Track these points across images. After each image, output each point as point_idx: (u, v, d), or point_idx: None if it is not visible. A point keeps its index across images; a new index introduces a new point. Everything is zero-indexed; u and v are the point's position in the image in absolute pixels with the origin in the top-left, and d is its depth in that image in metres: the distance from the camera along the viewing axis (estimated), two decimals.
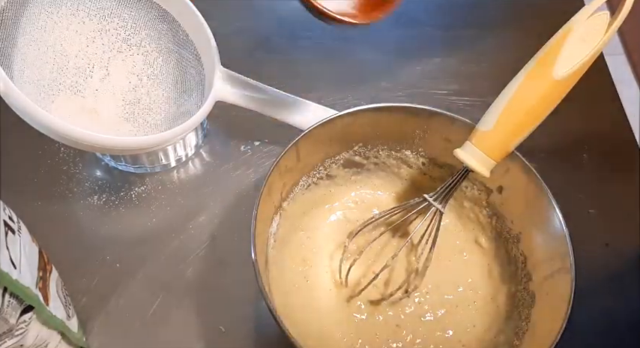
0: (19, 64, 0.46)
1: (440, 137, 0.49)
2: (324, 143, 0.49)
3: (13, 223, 0.37)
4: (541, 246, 0.46)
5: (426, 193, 0.48)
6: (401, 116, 0.49)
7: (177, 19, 0.52)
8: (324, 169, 0.52)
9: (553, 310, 0.41)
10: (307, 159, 0.49)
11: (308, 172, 0.51)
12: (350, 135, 0.50)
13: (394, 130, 0.50)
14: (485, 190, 0.50)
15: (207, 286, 0.51)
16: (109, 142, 0.44)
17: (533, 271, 0.46)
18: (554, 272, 0.43)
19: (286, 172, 0.48)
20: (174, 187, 0.56)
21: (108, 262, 0.51)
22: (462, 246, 0.52)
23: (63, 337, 0.41)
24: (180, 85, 0.54)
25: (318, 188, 0.52)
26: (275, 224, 0.48)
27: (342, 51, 0.67)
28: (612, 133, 0.64)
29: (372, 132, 0.50)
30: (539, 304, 0.44)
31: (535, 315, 0.44)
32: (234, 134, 0.59)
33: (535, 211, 0.46)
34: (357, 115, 0.48)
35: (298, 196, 0.51)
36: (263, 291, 0.40)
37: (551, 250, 0.44)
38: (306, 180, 0.51)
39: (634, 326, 0.51)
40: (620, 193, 0.59)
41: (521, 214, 0.48)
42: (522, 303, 0.46)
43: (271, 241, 0.48)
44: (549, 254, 0.44)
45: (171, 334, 0.48)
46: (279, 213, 0.49)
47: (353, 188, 0.54)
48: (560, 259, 0.43)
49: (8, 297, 0.33)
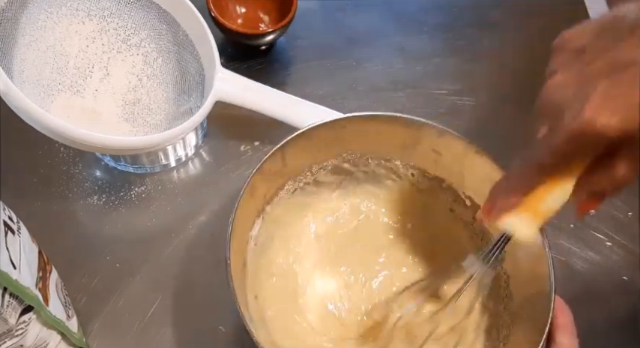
0: (19, 64, 0.46)
1: (429, 149, 0.48)
2: (312, 148, 0.48)
3: (13, 223, 0.37)
4: (524, 266, 0.44)
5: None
6: (391, 126, 0.48)
7: (177, 19, 0.52)
8: (311, 175, 0.50)
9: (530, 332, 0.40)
10: (294, 163, 0.48)
11: (294, 176, 0.49)
12: (339, 142, 0.49)
13: (384, 140, 0.49)
14: (473, 206, 0.49)
15: (207, 286, 0.51)
16: (109, 142, 0.44)
17: (515, 291, 0.45)
18: (535, 294, 0.42)
19: (271, 176, 0.47)
20: (174, 187, 0.56)
21: (108, 262, 0.51)
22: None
23: (63, 337, 0.41)
24: (180, 85, 0.54)
25: (305, 194, 0.51)
26: (257, 227, 0.47)
27: (342, 51, 0.67)
28: None
29: (361, 140, 0.49)
30: (517, 325, 0.43)
31: (512, 336, 0.43)
32: (234, 134, 0.59)
33: None
34: (346, 122, 0.47)
35: (283, 200, 0.50)
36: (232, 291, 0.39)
37: (534, 271, 0.43)
38: (292, 184, 0.50)
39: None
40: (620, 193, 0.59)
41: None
42: (501, 323, 0.45)
43: (251, 244, 0.47)
44: (532, 274, 0.43)
45: (171, 335, 0.48)
46: (262, 216, 0.48)
47: (340, 196, 0.53)
48: (541, 281, 0.41)
49: (8, 297, 0.33)
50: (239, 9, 0.65)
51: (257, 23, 0.65)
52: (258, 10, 0.65)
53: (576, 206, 0.36)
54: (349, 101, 0.62)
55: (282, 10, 0.62)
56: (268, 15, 0.65)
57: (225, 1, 0.63)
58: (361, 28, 0.69)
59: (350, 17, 0.70)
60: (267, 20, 0.65)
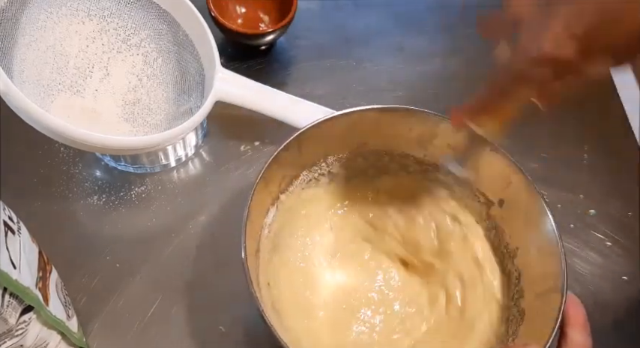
0: (19, 64, 0.46)
1: (445, 144, 0.48)
2: (328, 140, 0.48)
3: (13, 223, 0.37)
4: (536, 263, 0.44)
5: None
6: (407, 120, 0.48)
7: (177, 20, 0.52)
8: (326, 166, 0.51)
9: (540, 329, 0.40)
10: (310, 153, 0.48)
11: (309, 167, 0.50)
12: (354, 134, 0.49)
13: (399, 134, 0.49)
14: (487, 203, 0.49)
15: (207, 286, 0.51)
16: (109, 142, 0.44)
17: (526, 287, 0.45)
18: (546, 291, 0.42)
19: (286, 164, 0.46)
20: (174, 187, 0.56)
21: (108, 262, 0.51)
22: None
23: (63, 337, 0.41)
24: (180, 85, 0.54)
25: (319, 185, 0.52)
26: (271, 215, 0.48)
27: (342, 51, 0.67)
28: (612, 133, 0.64)
29: (376, 133, 0.49)
30: (527, 321, 0.43)
31: (522, 332, 0.43)
32: (234, 134, 0.59)
33: (533, 227, 0.45)
34: (363, 115, 0.47)
35: (297, 190, 0.50)
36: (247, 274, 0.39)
37: (546, 268, 0.43)
38: (307, 175, 0.50)
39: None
40: (620, 193, 0.59)
41: (520, 229, 0.47)
42: (512, 319, 0.45)
43: (265, 232, 0.47)
44: (543, 272, 0.43)
45: (171, 335, 0.48)
46: (276, 205, 0.48)
47: (355, 188, 0.53)
48: (554, 278, 0.41)
49: (8, 297, 0.33)
50: (239, 9, 0.65)
51: (257, 23, 0.65)
52: (258, 10, 0.65)
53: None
54: (349, 101, 0.62)
55: (282, 10, 0.62)
56: (268, 15, 0.65)
57: (225, 1, 0.63)
58: (361, 28, 0.69)
59: (350, 17, 0.70)
60: (267, 20, 0.65)
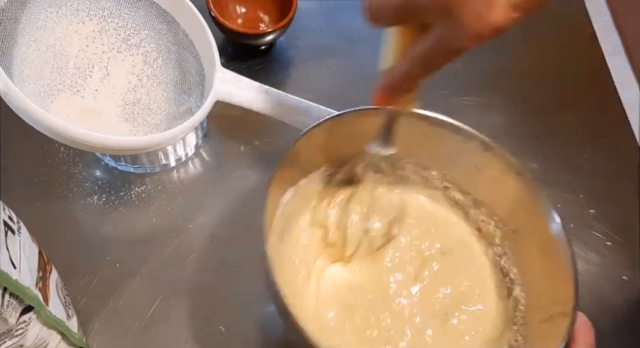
0: (19, 64, 0.46)
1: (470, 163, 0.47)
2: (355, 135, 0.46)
3: (13, 223, 0.37)
4: (546, 290, 0.43)
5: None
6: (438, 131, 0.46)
7: (177, 19, 0.52)
8: (347, 164, 0.50)
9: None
10: (335, 144, 0.47)
11: (332, 159, 0.49)
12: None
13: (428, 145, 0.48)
14: (501, 229, 0.48)
15: (207, 286, 0.51)
16: (109, 142, 0.44)
17: (530, 314, 0.44)
18: (553, 316, 0.41)
19: (313, 148, 0.45)
20: (174, 187, 0.56)
21: (108, 262, 0.51)
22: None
23: (63, 337, 0.41)
24: (180, 85, 0.54)
25: (336, 182, 0.50)
26: (288, 196, 0.46)
27: (342, 51, 0.67)
28: (612, 133, 0.64)
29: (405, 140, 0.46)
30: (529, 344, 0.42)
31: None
32: (234, 134, 0.59)
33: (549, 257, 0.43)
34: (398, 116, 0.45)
35: (316, 181, 0.49)
36: (264, 231, 0.39)
37: (556, 295, 0.41)
38: (328, 169, 0.49)
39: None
40: (620, 193, 0.59)
41: (533, 257, 0.46)
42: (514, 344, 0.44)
43: (280, 211, 0.46)
44: (552, 298, 0.42)
45: (171, 335, 0.48)
46: (295, 188, 0.47)
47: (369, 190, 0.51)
48: (563, 303, 0.40)
49: (8, 297, 0.33)
50: (239, 9, 0.65)
51: (257, 23, 0.65)
52: (258, 10, 0.65)
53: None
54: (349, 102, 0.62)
55: (282, 10, 0.62)
56: (268, 15, 0.65)
57: (225, 1, 0.63)
58: (361, 28, 0.69)
59: (350, 17, 0.70)
60: (267, 20, 0.65)
